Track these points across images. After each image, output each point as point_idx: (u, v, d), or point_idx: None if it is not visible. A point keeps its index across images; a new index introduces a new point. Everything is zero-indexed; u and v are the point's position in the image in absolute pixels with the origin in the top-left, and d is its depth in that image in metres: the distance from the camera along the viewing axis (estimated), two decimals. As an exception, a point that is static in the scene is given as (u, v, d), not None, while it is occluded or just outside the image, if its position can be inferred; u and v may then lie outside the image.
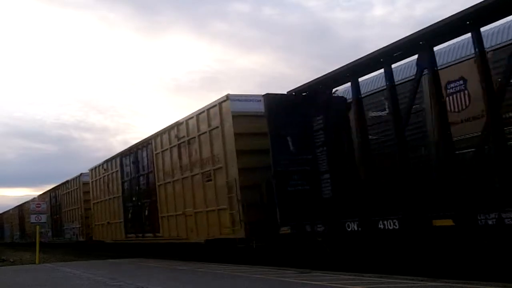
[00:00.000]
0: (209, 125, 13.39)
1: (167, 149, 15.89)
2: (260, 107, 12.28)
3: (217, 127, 12.98)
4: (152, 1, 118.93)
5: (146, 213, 17.63)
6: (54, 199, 32.18)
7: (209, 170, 13.40)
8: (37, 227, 20.99)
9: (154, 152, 16.81)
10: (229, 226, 12.46)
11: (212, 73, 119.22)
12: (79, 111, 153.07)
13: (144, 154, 17.81)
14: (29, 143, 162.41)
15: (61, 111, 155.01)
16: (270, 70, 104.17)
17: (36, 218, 20.70)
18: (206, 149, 13.59)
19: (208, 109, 13.49)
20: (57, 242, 32.41)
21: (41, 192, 39.44)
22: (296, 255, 10.91)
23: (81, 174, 26.30)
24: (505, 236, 6.77)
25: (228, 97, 12.57)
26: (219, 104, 12.90)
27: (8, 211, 50.22)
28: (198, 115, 14.02)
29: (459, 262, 7.62)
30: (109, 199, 21.44)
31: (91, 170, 24.15)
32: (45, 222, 22.96)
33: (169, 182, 15.75)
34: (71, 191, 27.82)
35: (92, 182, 23.96)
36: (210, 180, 13.38)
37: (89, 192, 24.47)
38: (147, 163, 17.52)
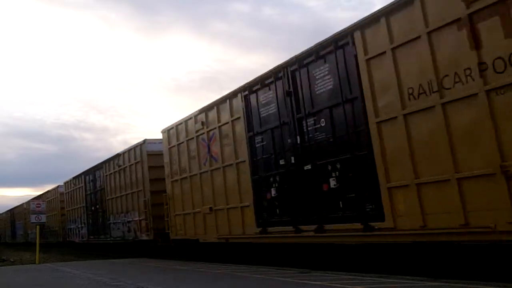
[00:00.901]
0: None
1: (416, 38, 7.20)
2: None
3: None
4: (152, 1, 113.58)
5: (334, 184, 8.72)
6: (92, 184, 23.37)
7: None
8: (37, 227, 20.35)
9: (364, 57, 8.12)
10: None
11: (212, 73, 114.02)
12: (79, 111, 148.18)
13: (342, 63, 8.86)
14: (29, 143, 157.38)
15: (61, 111, 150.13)
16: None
17: (36, 218, 20.27)
18: None
19: None
20: (99, 243, 23.41)
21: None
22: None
23: (144, 140, 17.39)
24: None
25: None
26: None
27: (21, 205, 40.94)
28: None
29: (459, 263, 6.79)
30: (213, 170, 12.58)
31: (167, 131, 15.26)
32: (44, 222, 22.10)
33: (427, 109, 7.06)
34: (125, 168, 18.83)
35: (169, 149, 15.07)
36: None
37: (160, 166, 15.68)
38: (346, 80, 8.64)
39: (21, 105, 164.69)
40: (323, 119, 9.11)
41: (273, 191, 10.40)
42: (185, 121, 14.16)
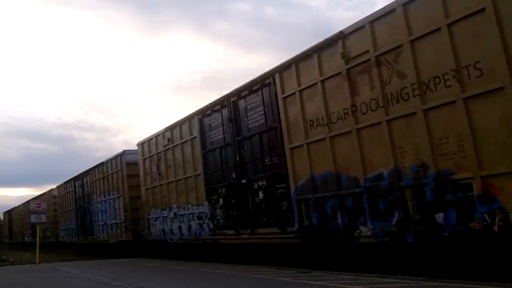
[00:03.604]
0: None
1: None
2: None
3: None
4: (154, 1, 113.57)
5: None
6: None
7: None
8: (37, 227, 20.67)
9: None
10: None
11: (213, 73, 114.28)
12: (79, 111, 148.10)
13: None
14: (30, 143, 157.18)
15: (61, 111, 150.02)
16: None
17: (36, 218, 20.49)
18: None
19: None
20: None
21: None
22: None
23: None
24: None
25: None
26: None
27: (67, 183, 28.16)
28: None
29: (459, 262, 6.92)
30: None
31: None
32: (45, 222, 22.21)
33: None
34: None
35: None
36: None
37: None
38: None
39: (21, 105, 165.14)
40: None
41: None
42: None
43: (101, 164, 21.60)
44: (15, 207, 46.79)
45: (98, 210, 21.99)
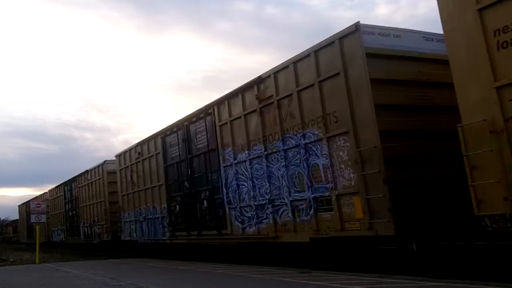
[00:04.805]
0: None
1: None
2: None
3: None
4: (154, 0, 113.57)
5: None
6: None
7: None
8: (37, 227, 20.46)
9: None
10: None
11: (214, 72, 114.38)
12: (80, 110, 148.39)
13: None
14: (30, 143, 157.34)
15: (62, 111, 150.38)
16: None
17: (36, 218, 20.80)
18: None
19: None
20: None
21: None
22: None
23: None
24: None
25: None
26: None
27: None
28: None
29: (458, 262, 7.00)
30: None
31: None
32: (45, 222, 22.39)
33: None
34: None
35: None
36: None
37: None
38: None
39: (22, 105, 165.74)
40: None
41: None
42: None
43: (253, 84, 10.66)
44: (36, 197, 36.33)
45: (239, 178, 11.48)
